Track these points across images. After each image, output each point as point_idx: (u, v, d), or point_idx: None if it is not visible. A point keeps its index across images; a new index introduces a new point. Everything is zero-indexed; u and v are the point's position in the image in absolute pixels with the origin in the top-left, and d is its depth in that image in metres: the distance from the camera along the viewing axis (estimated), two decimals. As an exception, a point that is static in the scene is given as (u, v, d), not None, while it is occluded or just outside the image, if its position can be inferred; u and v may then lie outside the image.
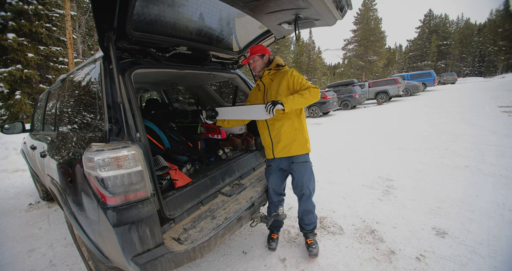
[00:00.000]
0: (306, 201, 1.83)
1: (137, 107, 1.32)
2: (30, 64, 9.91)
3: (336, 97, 11.60)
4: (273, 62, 1.79)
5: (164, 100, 4.05)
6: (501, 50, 38.04)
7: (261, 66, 1.82)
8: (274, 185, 1.85)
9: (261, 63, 1.81)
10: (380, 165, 3.66)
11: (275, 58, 1.82)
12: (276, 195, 1.88)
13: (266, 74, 1.79)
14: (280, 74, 1.74)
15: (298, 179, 1.77)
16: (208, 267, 1.81)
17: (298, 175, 1.76)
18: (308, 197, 1.81)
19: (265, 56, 1.80)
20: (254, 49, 1.81)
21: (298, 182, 1.78)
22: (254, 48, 1.81)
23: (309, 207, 1.85)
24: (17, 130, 2.93)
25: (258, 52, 1.78)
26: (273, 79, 1.76)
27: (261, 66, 1.82)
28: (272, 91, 1.72)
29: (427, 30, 47.52)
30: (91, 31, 18.58)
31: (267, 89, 1.77)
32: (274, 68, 1.78)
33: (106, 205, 1.07)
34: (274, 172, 1.84)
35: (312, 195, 1.83)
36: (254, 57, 1.80)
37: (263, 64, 1.81)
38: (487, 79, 31.31)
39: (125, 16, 1.18)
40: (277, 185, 1.85)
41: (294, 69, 1.73)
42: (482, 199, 2.35)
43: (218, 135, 2.61)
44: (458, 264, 1.60)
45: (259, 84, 1.84)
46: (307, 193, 1.79)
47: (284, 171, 1.85)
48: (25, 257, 2.15)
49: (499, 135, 4.37)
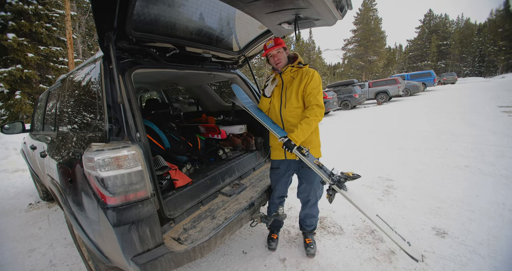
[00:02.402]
0: (311, 207, 1.79)
1: (137, 107, 1.32)
2: (30, 64, 9.91)
3: (336, 97, 11.60)
4: (297, 60, 1.67)
5: (164, 100, 4.05)
6: (501, 50, 38.04)
7: (286, 60, 1.68)
8: (279, 188, 1.79)
9: (285, 56, 1.68)
10: (380, 165, 3.66)
11: (297, 54, 1.70)
12: (278, 197, 1.85)
13: (288, 71, 1.66)
14: (302, 73, 1.62)
15: (306, 184, 1.70)
16: (208, 267, 1.81)
17: (307, 180, 1.68)
18: (314, 203, 1.77)
19: (287, 50, 1.68)
20: (278, 40, 1.65)
21: (306, 187, 1.72)
22: (278, 40, 1.65)
23: (313, 212, 1.82)
24: (17, 130, 2.93)
25: (282, 44, 1.62)
26: (295, 77, 1.65)
27: (286, 60, 1.68)
28: (293, 92, 1.62)
29: (427, 30, 47.54)
30: (91, 31, 18.58)
31: (286, 87, 1.67)
32: (297, 65, 1.66)
33: (106, 205, 1.07)
34: (282, 175, 1.76)
35: (318, 201, 1.79)
36: (280, 48, 1.63)
37: (286, 59, 1.68)
38: (487, 79, 31.30)
39: (125, 16, 1.18)
40: (282, 188, 1.80)
41: (316, 72, 1.62)
42: (482, 199, 2.35)
43: (218, 135, 2.61)
44: (458, 264, 1.60)
45: (277, 78, 1.71)
46: (313, 200, 1.74)
47: (292, 174, 1.78)
48: (25, 257, 2.14)
49: (499, 135, 4.37)
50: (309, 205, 1.77)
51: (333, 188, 1.45)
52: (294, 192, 2.07)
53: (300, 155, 1.50)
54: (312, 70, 1.62)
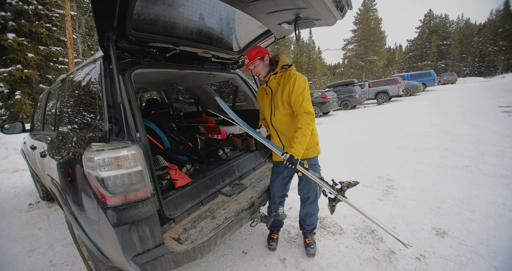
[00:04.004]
0: (311, 204, 1.80)
1: (137, 107, 1.32)
2: (30, 64, 9.91)
3: (336, 97, 11.60)
4: (279, 64, 1.60)
5: (164, 100, 4.05)
6: (501, 50, 38.03)
7: (265, 70, 1.63)
8: (279, 186, 1.80)
9: (264, 66, 1.62)
10: (380, 165, 3.66)
11: (279, 57, 1.63)
12: (279, 196, 1.85)
13: (273, 78, 1.61)
14: (285, 78, 1.56)
15: (306, 181, 1.72)
16: (208, 267, 1.81)
17: (307, 177, 1.68)
18: (313, 200, 1.78)
19: (265, 58, 1.61)
20: (250, 53, 1.59)
21: (305, 184, 1.73)
22: (251, 53, 1.59)
23: (313, 210, 1.83)
24: (17, 130, 2.93)
25: (257, 56, 1.58)
26: (280, 83, 1.59)
27: (265, 70, 1.63)
28: (278, 99, 1.58)
29: (427, 30, 47.55)
30: (91, 31, 18.59)
31: (274, 94, 1.63)
32: (280, 70, 1.60)
33: (106, 205, 1.07)
34: (282, 174, 1.77)
35: (317, 199, 1.80)
36: (255, 62, 1.59)
37: (267, 67, 1.63)
38: (487, 79, 31.30)
39: (125, 16, 1.18)
40: (282, 186, 1.81)
41: (300, 76, 1.54)
42: (482, 199, 2.35)
43: (218, 135, 2.61)
44: (458, 264, 1.60)
45: (265, 88, 1.69)
46: (312, 196, 1.76)
47: (291, 172, 1.78)
48: (25, 257, 2.15)
49: (499, 135, 4.37)
50: (309, 202, 1.78)
51: (337, 198, 1.47)
52: (294, 192, 2.07)
53: (303, 170, 1.51)
54: (295, 75, 1.54)
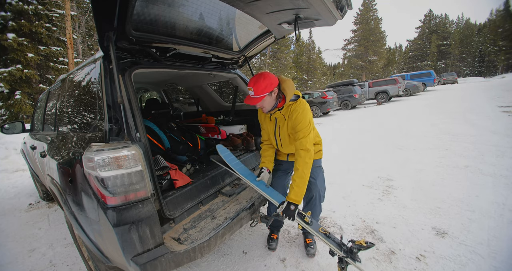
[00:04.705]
0: (314, 205, 1.77)
1: (137, 107, 1.32)
2: (30, 64, 9.92)
3: (336, 97, 11.61)
4: (287, 97, 1.47)
5: (164, 100, 4.05)
6: (501, 50, 38.01)
7: (271, 105, 1.50)
8: (279, 184, 1.79)
9: (271, 100, 1.48)
10: (380, 165, 3.66)
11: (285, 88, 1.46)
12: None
13: (278, 112, 1.55)
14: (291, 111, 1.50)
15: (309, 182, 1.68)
16: (208, 267, 1.81)
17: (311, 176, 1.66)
18: (317, 201, 1.76)
19: (274, 91, 1.45)
20: (258, 88, 1.39)
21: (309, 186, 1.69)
22: (259, 87, 1.39)
23: (316, 212, 1.81)
24: (17, 130, 2.93)
25: (265, 92, 1.40)
26: (285, 116, 1.53)
27: (271, 104, 1.50)
28: (284, 131, 1.57)
29: (427, 30, 47.56)
30: (91, 31, 18.58)
31: (279, 126, 1.59)
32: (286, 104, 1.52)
33: (106, 205, 1.07)
34: (283, 171, 1.78)
35: (321, 200, 1.78)
36: (264, 99, 1.45)
37: (273, 101, 1.49)
38: (487, 79, 31.29)
39: (125, 16, 1.18)
40: (282, 184, 1.81)
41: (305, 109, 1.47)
42: (482, 199, 2.35)
43: (218, 135, 2.61)
44: (458, 264, 1.60)
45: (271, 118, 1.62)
46: (316, 196, 1.73)
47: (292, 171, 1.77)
48: (25, 257, 2.15)
49: (499, 135, 4.37)
50: (312, 202, 1.75)
51: (346, 261, 1.31)
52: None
53: (303, 223, 1.43)
54: (300, 109, 1.47)
